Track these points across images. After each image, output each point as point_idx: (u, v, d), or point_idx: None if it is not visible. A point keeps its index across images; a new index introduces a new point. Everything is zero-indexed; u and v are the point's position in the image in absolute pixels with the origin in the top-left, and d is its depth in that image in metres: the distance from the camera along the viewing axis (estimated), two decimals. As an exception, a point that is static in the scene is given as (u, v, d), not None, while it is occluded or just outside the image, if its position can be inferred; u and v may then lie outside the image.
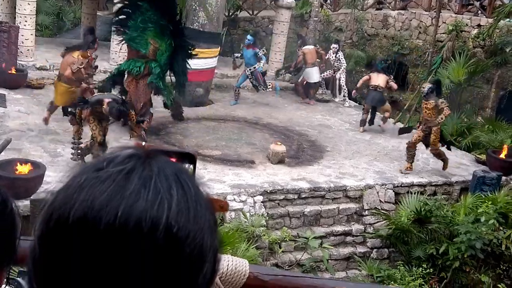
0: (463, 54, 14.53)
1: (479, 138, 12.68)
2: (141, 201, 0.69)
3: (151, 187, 0.70)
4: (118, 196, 0.69)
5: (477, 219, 9.09)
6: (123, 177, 0.70)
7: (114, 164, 0.72)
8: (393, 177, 10.37)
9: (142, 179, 0.70)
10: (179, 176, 0.73)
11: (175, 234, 0.69)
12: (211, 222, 0.75)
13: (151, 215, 0.68)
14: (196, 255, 0.71)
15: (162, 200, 0.69)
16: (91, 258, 0.68)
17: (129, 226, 0.67)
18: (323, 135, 12.34)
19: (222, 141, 11.10)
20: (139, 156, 0.74)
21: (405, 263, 9.08)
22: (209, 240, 0.73)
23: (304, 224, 9.44)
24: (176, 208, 0.70)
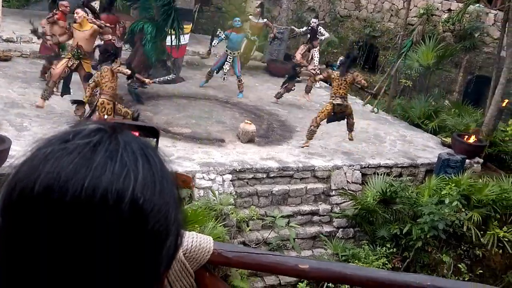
0: (433, 38, 14.70)
1: (445, 122, 12.93)
2: (108, 173, 0.69)
3: (117, 160, 0.71)
4: (85, 168, 0.69)
5: (440, 201, 9.31)
6: (90, 150, 0.71)
7: (80, 136, 0.73)
8: (361, 158, 10.52)
9: (108, 152, 0.71)
10: (145, 150, 0.74)
11: (140, 206, 0.70)
12: (176, 197, 0.77)
13: (117, 187, 0.69)
14: (160, 228, 0.72)
15: (129, 173, 0.70)
16: (56, 230, 0.68)
17: (95, 198, 0.68)
18: (293, 115, 12.41)
19: (192, 119, 11.07)
20: (105, 130, 0.74)
21: (369, 243, 9.27)
22: (173, 214, 0.75)
23: (272, 203, 9.54)
24: (142, 181, 0.71)
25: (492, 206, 9.62)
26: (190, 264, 1.75)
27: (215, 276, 1.93)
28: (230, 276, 8.02)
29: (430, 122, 13.09)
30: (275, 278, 8.94)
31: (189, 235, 1.80)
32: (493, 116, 12.12)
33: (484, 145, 11.66)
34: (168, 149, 9.40)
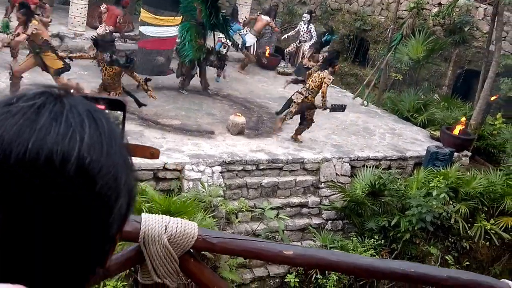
0: (423, 32, 14.74)
1: (434, 115, 12.99)
2: (52, 134, 0.68)
3: (62, 121, 0.70)
4: (29, 129, 0.68)
5: (428, 193, 9.38)
6: (34, 112, 0.70)
7: (24, 99, 0.71)
8: (350, 151, 10.55)
9: (53, 114, 0.70)
10: (92, 113, 0.73)
11: (87, 167, 0.69)
12: (126, 160, 0.76)
13: (63, 148, 0.68)
14: (109, 189, 0.71)
15: (74, 133, 0.69)
16: (1, 194, 0.67)
17: (40, 159, 0.67)
18: (283, 107, 12.39)
19: (182, 111, 11.04)
20: (50, 93, 0.73)
21: (358, 235, 9.32)
22: (123, 176, 0.74)
23: (261, 195, 9.55)
24: (88, 141, 0.70)
25: (480, 198, 9.70)
26: (175, 250, 1.76)
27: (200, 262, 1.94)
28: (219, 268, 8.04)
29: (419, 116, 13.15)
30: (263, 270, 8.98)
31: (174, 221, 1.81)
32: (482, 110, 12.19)
33: (472, 138, 11.74)
34: (157, 141, 9.39)
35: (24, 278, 0.70)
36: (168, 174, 8.79)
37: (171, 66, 13.39)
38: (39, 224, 0.68)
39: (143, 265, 1.81)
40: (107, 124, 0.74)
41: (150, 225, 1.74)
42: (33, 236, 0.69)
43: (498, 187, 9.96)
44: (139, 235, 1.74)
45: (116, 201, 0.73)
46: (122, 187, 0.74)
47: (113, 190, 0.72)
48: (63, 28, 13.69)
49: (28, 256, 0.70)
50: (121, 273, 6.84)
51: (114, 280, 6.93)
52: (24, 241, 0.69)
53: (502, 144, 12.27)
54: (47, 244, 0.70)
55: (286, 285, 8.87)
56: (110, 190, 0.72)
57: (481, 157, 12.15)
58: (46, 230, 0.69)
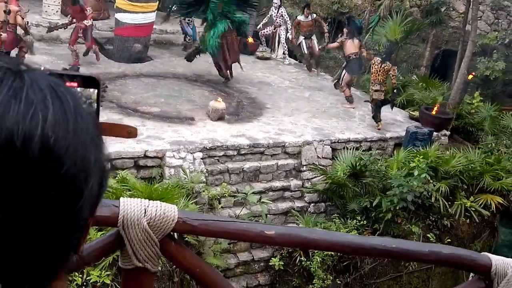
0: (400, 13, 14.78)
1: (413, 96, 13.08)
2: (12, 113, 0.63)
3: (22, 98, 0.64)
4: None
5: (409, 173, 9.46)
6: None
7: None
8: (331, 134, 10.58)
9: (12, 90, 0.64)
10: (55, 88, 0.68)
11: (52, 146, 0.64)
12: (95, 136, 0.71)
13: (24, 127, 0.63)
14: (78, 169, 0.67)
15: (36, 111, 0.64)
16: None
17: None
18: (262, 92, 12.39)
19: (161, 98, 10.96)
20: (8, 68, 0.67)
21: (340, 216, 9.39)
22: (93, 154, 0.69)
23: (243, 180, 9.55)
24: (52, 120, 0.65)
25: (459, 177, 9.82)
26: (155, 233, 1.74)
27: (181, 245, 1.92)
28: (203, 254, 8.04)
29: (398, 97, 13.22)
30: (248, 254, 9.01)
31: (153, 204, 1.79)
32: (459, 89, 12.31)
33: (451, 117, 11.85)
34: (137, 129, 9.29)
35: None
36: (149, 161, 8.73)
37: (149, 53, 13.28)
38: (3, 213, 0.64)
39: (123, 250, 1.79)
40: (72, 99, 0.69)
41: (129, 209, 1.71)
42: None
43: (477, 165, 10.09)
44: (118, 220, 1.72)
45: (86, 182, 0.68)
46: (91, 166, 0.69)
47: (82, 170, 0.67)
48: (37, 17, 13.46)
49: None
50: (104, 262, 6.81)
51: (98, 270, 6.90)
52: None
53: (480, 122, 12.42)
54: (9, 232, 0.65)
55: (271, 268, 8.92)
56: (79, 171, 0.67)
57: (459, 136, 12.28)
58: (8, 217, 0.64)
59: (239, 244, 8.90)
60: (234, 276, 8.84)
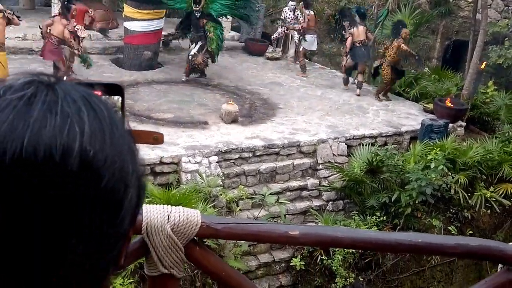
0: (408, 6, 14.67)
1: (426, 88, 12.97)
2: (49, 127, 0.62)
3: (58, 112, 0.63)
4: (21, 124, 0.62)
5: (426, 166, 9.38)
6: (25, 104, 0.63)
7: (12, 91, 0.65)
8: (345, 131, 10.54)
9: (46, 104, 0.63)
10: (88, 98, 0.67)
11: (91, 159, 0.63)
12: (131, 145, 0.70)
13: (62, 141, 0.62)
14: (117, 180, 0.66)
15: (72, 124, 0.63)
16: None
17: (38, 156, 0.61)
18: (274, 92, 12.37)
19: (174, 104, 10.99)
20: (39, 81, 0.66)
21: (359, 213, 9.33)
22: (130, 163, 0.68)
23: (260, 181, 9.54)
24: (89, 131, 0.64)
25: (478, 167, 9.72)
26: (179, 239, 1.73)
27: (205, 249, 1.92)
28: (224, 257, 8.03)
29: (411, 90, 13.13)
30: (268, 256, 8.99)
31: (176, 210, 1.78)
32: (473, 79, 12.18)
33: (466, 108, 11.74)
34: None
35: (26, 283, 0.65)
36: (165, 168, 8.75)
37: (159, 60, 13.33)
38: (40, 227, 0.62)
39: (148, 257, 1.78)
40: (106, 110, 0.68)
41: (152, 216, 1.71)
42: (34, 239, 0.63)
43: (495, 154, 9.98)
44: (141, 227, 1.71)
45: (126, 193, 0.68)
46: (130, 176, 0.68)
47: (122, 182, 0.67)
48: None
49: (29, 262, 0.64)
50: (127, 270, 6.83)
51: (121, 278, 6.92)
52: (25, 245, 0.63)
53: (496, 111, 12.28)
54: (52, 248, 0.64)
55: (292, 269, 8.90)
56: (118, 182, 0.66)
57: (476, 126, 12.16)
58: (49, 233, 0.63)
59: (259, 246, 8.88)
60: (255, 278, 8.82)
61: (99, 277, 0.70)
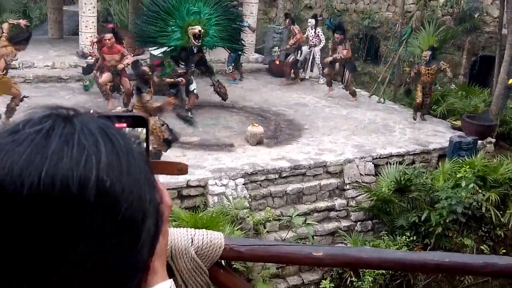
0: (432, 23, 14.61)
1: (453, 105, 12.83)
2: (66, 159, 0.63)
3: (74, 144, 0.64)
4: (39, 157, 0.63)
5: (456, 184, 9.23)
6: (43, 137, 0.64)
7: (30, 125, 0.66)
8: (372, 150, 10.46)
9: (63, 137, 0.65)
10: (105, 130, 0.68)
11: (108, 189, 0.63)
12: (148, 175, 0.70)
13: (78, 173, 0.62)
14: (135, 210, 0.66)
15: (89, 156, 0.64)
16: (16, 230, 0.62)
17: (55, 188, 0.61)
18: (299, 113, 12.38)
19: (199, 127, 11.07)
20: (57, 115, 0.68)
21: (389, 233, 9.20)
22: (147, 193, 0.68)
23: (287, 203, 9.50)
24: (105, 162, 0.64)
25: (509, 184, 9.54)
26: (203, 262, 1.73)
27: (230, 272, 1.91)
28: (253, 280, 7.99)
29: (438, 107, 12.99)
30: (297, 278, 8.90)
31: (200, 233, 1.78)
32: (501, 94, 12.01)
33: (495, 124, 11.55)
34: (178, 159, 9.40)
35: None
36: (192, 191, 8.79)
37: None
38: (62, 260, 0.63)
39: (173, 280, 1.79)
40: (123, 140, 0.69)
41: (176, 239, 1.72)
42: (56, 275, 0.63)
43: (527, 170, 9.77)
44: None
45: (144, 223, 0.68)
46: (148, 206, 0.68)
47: (139, 211, 0.67)
48: (74, 58, 13.88)
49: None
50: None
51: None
52: (47, 282, 0.63)
53: (526, 127, 12.06)
54: (71, 283, 0.64)
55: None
56: (136, 211, 0.66)
57: (505, 142, 11.94)
58: (70, 266, 0.63)
59: (288, 268, 8.81)
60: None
61: None
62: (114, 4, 19.34)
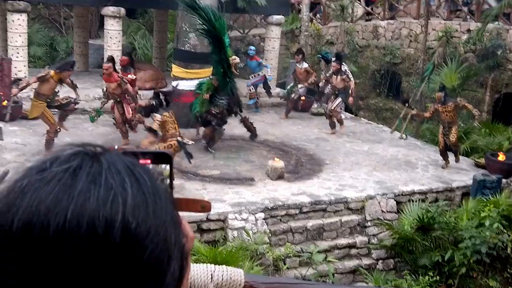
0: (455, 60, 14.59)
1: (477, 142, 12.69)
2: (92, 199, 0.63)
3: (101, 183, 0.64)
4: (66, 196, 0.62)
5: (480, 224, 9.03)
6: (70, 176, 0.64)
7: (58, 163, 0.66)
8: (394, 186, 10.32)
9: (91, 176, 0.64)
10: (132, 169, 0.67)
11: (134, 231, 0.63)
12: (174, 216, 0.69)
13: (105, 213, 0.62)
14: (160, 252, 0.65)
15: (116, 196, 0.63)
16: (42, 270, 0.61)
17: (81, 228, 0.61)
18: (320, 148, 12.32)
19: (220, 160, 11.07)
20: (85, 153, 0.68)
21: (411, 272, 9.00)
22: (173, 235, 0.68)
23: (307, 238, 9.37)
24: (132, 203, 0.64)
25: (536, 224, 9.28)
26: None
27: (250, 311, 1.85)
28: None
29: (461, 144, 12.84)
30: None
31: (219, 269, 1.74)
32: (526, 132, 11.84)
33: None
34: (198, 192, 9.39)
35: None
36: (211, 225, 8.74)
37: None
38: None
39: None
40: (150, 179, 0.68)
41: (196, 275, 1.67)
42: None
43: (554, 210, 9.52)
44: (184, 287, 1.67)
45: (169, 265, 0.67)
46: (173, 248, 0.67)
47: (164, 253, 0.66)
48: (99, 90, 14.06)
49: None
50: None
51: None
52: None
53: (552, 165, 11.80)
54: None
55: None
56: (161, 253, 0.66)
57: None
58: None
59: (307, 305, 8.63)
60: None
61: None
62: (139, 38, 19.70)
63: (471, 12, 17.32)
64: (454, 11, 17.86)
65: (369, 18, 19.35)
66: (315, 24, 19.28)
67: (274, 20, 15.66)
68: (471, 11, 17.42)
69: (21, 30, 12.97)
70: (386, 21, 18.31)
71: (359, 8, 19.70)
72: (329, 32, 19.23)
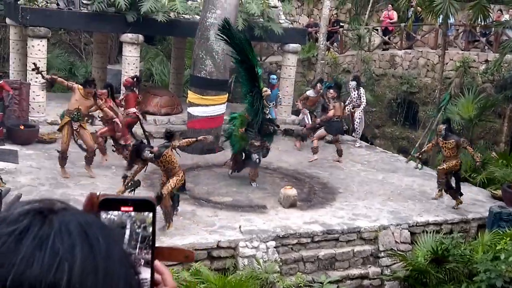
0: (472, 90, 14.49)
1: (493, 174, 12.49)
2: (35, 266, 0.60)
3: (47, 248, 0.61)
4: (7, 262, 0.59)
5: (496, 257, 8.85)
6: (15, 239, 0.61)
7: (6, 223, 0.63)
8: (408, 217, 10.19)
9: (37, 239, 0.61)
10: (86, 230, 0.64)
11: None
12: (129, 279, 0.66)
13: (48, 281, 0.59)
14: None
15: (61, 262, 0.60)
16: None
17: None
18: (334, 176, 12.24)
19: (233, 187, 11.04)
20: (38, 211, 0.64)
21: (425, 305, 8.81)
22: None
23: (319, 268, 9.25)
24: (79, 269, 0.61)
25: (553, 259, 9.05)
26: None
27: None
28: None
29: (477, 175, 12.68)
30: None
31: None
32: (544, 164, 11.65)
33: (537, 195, 11.15)
34: (210, 219, 9.36)
35: None
36: (222, 252, 8.67)
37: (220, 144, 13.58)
38: None
39: None
40: (105, 242, 0.65)
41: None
42: None
43: None
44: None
45: None
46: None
47: None
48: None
49: None
50: None
51: None
52: None
53: None
54: None
55: None
56: None
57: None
58: None
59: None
60: None
61: None
62: (157, 64, 19.91)
63: (489, 43, 17.27)
64: (472, 41, 17.82)
65: (386, 47, 19.38)
66: (332, 52, 19.35)
67: (291, 48, 15.75)
68: (489, 41, 17.36)
69: (40, 56, 13.19)
70: (404, 51, 18.32)
71: (376, 38, 19.75)
72: (346, 60, 19.28)
